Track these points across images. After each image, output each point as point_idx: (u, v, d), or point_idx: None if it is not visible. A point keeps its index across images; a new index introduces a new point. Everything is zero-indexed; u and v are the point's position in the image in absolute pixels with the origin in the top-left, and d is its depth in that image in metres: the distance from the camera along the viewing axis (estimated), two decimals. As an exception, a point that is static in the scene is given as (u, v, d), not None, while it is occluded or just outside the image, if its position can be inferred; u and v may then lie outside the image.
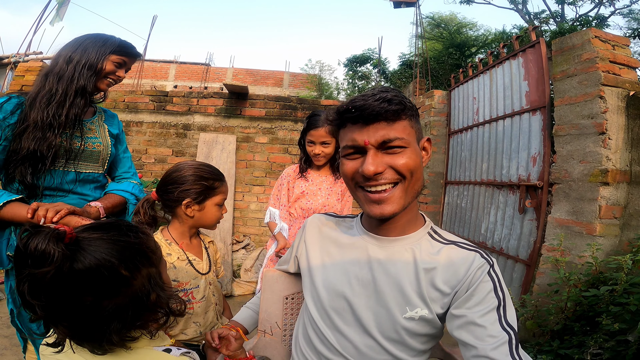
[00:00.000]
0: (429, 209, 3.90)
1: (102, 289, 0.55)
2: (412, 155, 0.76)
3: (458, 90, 3.70)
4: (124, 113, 4.33)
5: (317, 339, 0.86)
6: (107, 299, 0.56)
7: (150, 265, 0.63)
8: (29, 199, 1.12)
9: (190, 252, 1.26)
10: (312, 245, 0.93)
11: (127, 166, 1.41)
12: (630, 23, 8.88)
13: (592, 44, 2.03)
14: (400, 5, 6.33)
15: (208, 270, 1.27)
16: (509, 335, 0.67)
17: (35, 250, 0.51)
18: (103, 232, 0.59)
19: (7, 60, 5.73)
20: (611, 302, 1.57)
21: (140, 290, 0.59)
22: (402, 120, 0.75)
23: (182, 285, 1.20)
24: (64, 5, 6.19)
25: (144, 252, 0.62)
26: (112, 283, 0.56)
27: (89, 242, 0.56)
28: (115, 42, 1.22)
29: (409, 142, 0.75)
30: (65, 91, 1.14)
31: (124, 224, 0.64)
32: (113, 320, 0.56)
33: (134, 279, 0.59)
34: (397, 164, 0.74)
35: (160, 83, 14.44)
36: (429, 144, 0.83)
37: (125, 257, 0.58)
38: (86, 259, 0.54)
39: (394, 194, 0.76)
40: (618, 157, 1.97)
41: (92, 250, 0.55)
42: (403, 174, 0.75)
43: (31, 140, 1.09)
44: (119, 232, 0.60)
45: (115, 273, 0.56)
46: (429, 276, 0.77)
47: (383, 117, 0.73)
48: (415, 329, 0.77)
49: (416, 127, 0.79)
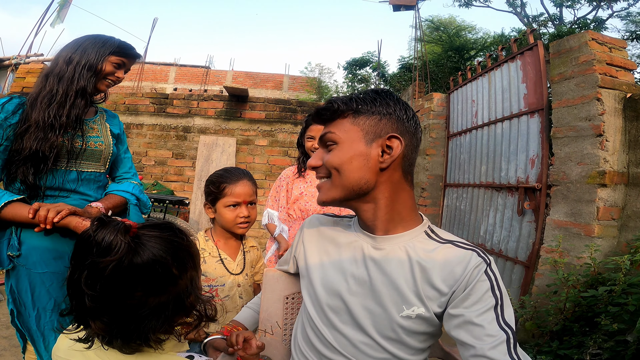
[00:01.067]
0: (428, 211, 3.91)
1: (152, 285, 0.57)
2: (341, 152, 0.79)
3: (457, 93, 3.72)
4: (125, 115, 4.34)
5: (315, 338, 0.86)
6: (154, 296, 0.58)
7: (194, 267, 0.65)
8: (31, 199, 1.13)
9: (224, 251, 1.32)
10: (310, 245, 0.94)
11: (128, 166, 1.41)
12: (628, 26, 8.93)
13: (589, 46, 2.05)
14: (399, 8, 6.37)
15: (239, 272, 1.32)
16: (506, 334, 0.67)
17: (102, 240, 0.54)
18: (160, 231, 0.61)
19: (8, 62, 5.75)
20: (610, 302, 1.58)
21: (182, 291, 0.61)
22: (341, 119, 0.81)
23: (208, 281, 1.27)
24: (65, 7, 6.22)
25: (192, 255, 0.65)
26: (162, 280, 0.58)
27: (149, 239, 0.58)
28: (115, 43, 1.22)
29: (340, 139, 0.79)
30: (66, 92, 1.15)
31: (176, 227, 0.66)
32: (152, 317, 0.58)
33: (181, 278, 0.61)
34: (327, 159, 0.81)
35: (160, 85, 14.48)
36: (397, 141, 0.78)
37: (177, 257, 0.60)
38: (145, 253, 0.56)
39: (323, 185, 0.83)
40: (615, 159, 1.99)
41: (151, 246, 0.57)
42: (329, 169, 0.81)
43: (33, 140, 1.09)
44: (174, 232, 0.63)
45: (168, 271, 0.58)
46: (425, 274, 0.77)
47: (324, 118, 0.83)
48: (413, 328, 0.77)
49: (366, 126, 0.79)
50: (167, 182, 4.33)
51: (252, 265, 1.39)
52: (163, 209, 3.12)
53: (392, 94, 0.84)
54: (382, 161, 0.79)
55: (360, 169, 0.78)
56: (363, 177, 0.79)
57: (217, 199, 1.28)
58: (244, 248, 1.37)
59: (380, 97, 0.81)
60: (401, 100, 0.84)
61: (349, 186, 0.80)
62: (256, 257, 1.43)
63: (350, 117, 0.80)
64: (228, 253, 1.33)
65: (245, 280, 1.34)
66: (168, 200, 3.13)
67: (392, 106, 0.80)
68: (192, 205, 4.17)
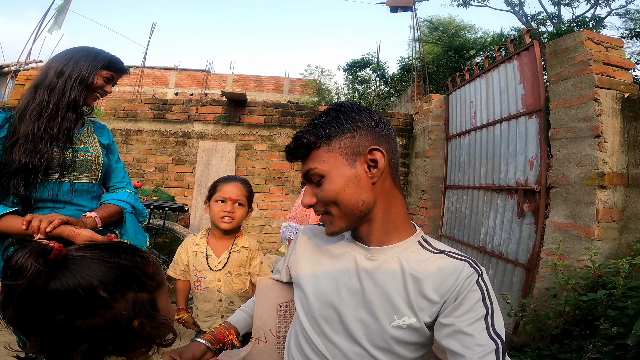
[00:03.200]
0: (429, 213, 3.90)
1: (76, 309, 0.54)
2: (331, 183, 0.77)
3: (455, 94, 3.71)
4: (124, 122, 4.36)
5: (308, 347, 0.86)
6: (81, 319, 0.55)
7: (141, 290, 0.61)
8: (25, 211, 1.13)
9: (213, 248, 1.50)
10: (303, 255, 0.94)
11: (121, 176, 1.42)
12: (627, 23, 8.89)
13: (585, 46, 2.04)
14: (397, 9, 6.38)
15: (220, 269, 1.47)
16: (496, 344, 0.68)
17: (15, 263, 0.52)
18: (94, 252, 0.59)
19: (7, 69, 5.79)
20: (609, 306, 1.57)
21: (120, 315, 0.57)
22: (315, 151, 0.79)
23: (197, 272, 1.49)
24: (62, 13, 6.26)
25: (136, 277, 0.60)
26: (88, 304, 0.55)
27: (75, 261, 0.56)
28: (106, 58, 1.23)
29: (324, 171, 0.78)
30: (57, 104, 1.15)
31: (122, 246, 0.63)
32: (84, 341, 0.55)
33: (115, 301, 0.57)
34: (320, 195, 0.79)
35: (161, 90, 14.55)
36: (379, 153, 0.78)
37: (108, 279, 0.57)
38: (64, 276, 0.54)
39: (325, 219, 0.82)
40: (614, 160, 1.97)
41: (74, 269, 0.55)
42: (326, 203, 0.79)
43: (22, 152, 1.09)
44: (111, 252, 0.60)
45: (93, 294, 0.55)
46: (417, 285, 0.77)
47: (296, 156, 0.81)
48: (404, 338, 0.77)
49: (342, 148, 0.77)
50: (168, 189, 4.34)
51: (240, 265, 1.51)
52: (163, 216, 3.13)
53: (352, 104, 0.82)
54: (371, 176, 0.79)
55: (356, 193, 0.78)
56: (360, 199, 0.78)
57: (211, 195, 1.49)
58: (231, 248, 1.51)
59: (342, 113, 0.79)
60: (362, 107, 0.83)
61: (350, 213, 0.79)
62: (247, 258, 1.53)
63: (324, 145, 0.78)
64: (214, 250, 1.50)
65: (228, 277, 1.48)
66: (167, 207, 3.13)
67: (357, 118, 0.79)
68: (192, 211, 4.18)
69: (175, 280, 1.57)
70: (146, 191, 4.07)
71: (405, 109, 6.74)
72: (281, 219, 4.43)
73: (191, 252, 1.51)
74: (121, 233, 1.31)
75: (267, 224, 4.43)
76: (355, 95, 11.45)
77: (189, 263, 1.52)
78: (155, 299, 0.64)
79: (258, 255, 1.56)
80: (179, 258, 1.54)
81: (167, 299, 0.68)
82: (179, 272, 1.55)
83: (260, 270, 1.55)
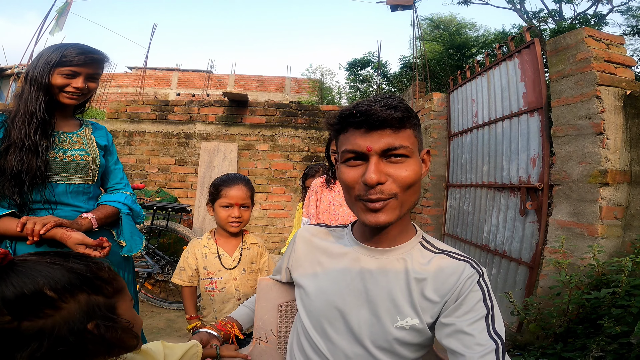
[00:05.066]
0: (431, 212, 3.89)
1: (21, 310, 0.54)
2: (414, 166, 0.74)
3: (457, 92, 3.70)
4: (127, 123, 4.38)
5: (309, 348, 0.87)
6: (28, 320, 0.55)
7: (95, 293, 0.61)
8: (21, 212, 1.15)
9: (223, 247, 1.50)
10: (303, 256, 0.94)
11: (119, 177, 1.42)
12: (629, 20, 8.81)
13: (586, 43, 2.02)
14: (397, 8, 6.36)
15: (234, 267, 1.49)
16: (496, 344, 0.68)
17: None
18: (42, 257, 0.60)
19: (10, 71, 5.83)
20: (613, 304, 1.56)
21: (71, 316, 0.57)
22: (406, 129, 0.74)
23: (209, 274, 1.48)
24: (63, 15, 6.29)
25: (87, 278, 0.61)
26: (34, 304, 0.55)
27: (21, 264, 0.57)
28: (59, 54, 1.16)
29: (412, 152, 0.74)
30: (27, 111, 1.15)
31: (72, 254, 0.64)
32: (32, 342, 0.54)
33: (64, 302, 0.57)
34: (398, 175, 0.73)
35: (163, 91, 14.60)
36: (429, 156, 0.81)
37: (55, 279, 0.57)
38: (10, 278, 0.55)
39: (390, 204, 0.73)
40: (617, 158, 1.96)
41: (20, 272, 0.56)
42: (402, 187, 0.73)
43: (13, 160, 1.11)
44: (59, 257, 0.61)
45: (39, 294, 0.55)
46: (420, 286, 0.77)
47: (389, 124, 0.71)
48: (406, 338, 0.77)
49: (419, 137, 0.78)
50: (171, 189, 4.36)
51: (251, 261, 1.53)
52: (166, 217, 3.14)
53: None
54: (422, 174, 0.79)
55: (420, 185, 0.78)
56: (419, 192, 0.79)
57: (215, 199, 1.48)
58: (242, 245, 1.52)
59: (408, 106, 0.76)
60: None
61: (413, 201, 0.78)
62: (257, 254, 1.55)
63: (412, 127, 0.75)
64: (226, 249, 1.50)
65: (243, 274, 1.50)
66: (170, 208, 3.15)
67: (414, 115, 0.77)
68: (195, 211, 4.19)
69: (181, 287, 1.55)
70: (149, 192, 4.09)
71: (407, 107, 6.70)
72: (284, 218, 4.44)
73: (200, 254, 1.49)
74: (117, 233, 1.32)
75: (270, 224, 4.44)
76: (357, 94, 11.43)
77: (197, 267, 1.50)
78: (114, 304, 0.64)
79: (266, 251, 1.59)
80: (185, 264, 1.51)
81: (129, 307, 0.67)
82: (186, 278, 1.50)
83: (269, 266, 1.56)
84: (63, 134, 1.26)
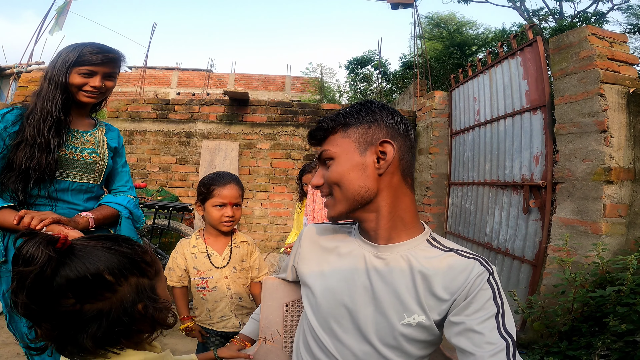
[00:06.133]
0: (433, 210, 3.89)
1: (84, 293, 0.58)
2: (338, 166, 0.81)
3: (458, 90, 3.70)
4: (127, 122, 4.37)
5: (316, 347, 0.86)
6: (89, 303, 0.58)
7: (142, 276, 0.65)
8: (21, 205, 1.15)
9: (212, 246, 1.49)
10: (309, 255, 0.94)
11: (125, 180, 1.43)
12: (629, 18, 8.80)
13: (589, 41, 2.02)
14: (397, 6, 6.35)
15: (224, 265, 1.47)
16: (507, 343, 0.67)
17: (26, 252, 0.56)
18: (97, 241, 0.63)
19: (10, 71, 5.82)
20: (618, 302, 1.55)
21: (125, 298, 0.61)
22: (332, 135, 0.84)
23: (200, 274, 1.46)
24: (63, 14, 6.27)
25: (136, 262, 0.64)
26: (95, 287, 0.59)
27: (80, 249, 0.60)
28: (76, 53, 1.17)
29: (335, 154, 0.82)
30: (44, 109, 1.16)
31: (120, 237, 0.67)
32: (92, 324, 0.58)
33: (120, 285, 0.61)
34: (326, 175, 0.84)
35: (163, 90, 14.58)
36: (390, 146, 0.80)
37: (112, 264, 0.61)
38: (73, 262, 0.58)
39: (329, 202, 0.85)
40: (621, 155, 1.96)
41: (81, 256, 0.59)
42: (332, 185, 0.83)
43: (23, 156, 1.11)
44: (112, 241, 0.64)
45: (99, 278, 0.59)
46: (426, 283, 0.77)
47: (318, 138, 0.86)
48: (413, 335, 0.77)
49: (356, 136, 0.82)
50: (172, 188, 4.35)
51: (242, 259, 1.52)
52: (168, 216, 3.14)
53: (376, 102, 0.86)
54: (378, 167, 0.80)
55: (359, 179, 0.80)
56: (363, 186, 0.80)
57: (207, 199, 1.45)
58: (231, 243, 1.51)
59: (364, 107, 0.84)
60: (387, 106, 0.86)
61: (351, 197, 0.81)
62: (247, 252, 1.54)
63: (340, 131, 0.84)
64: (215, 248, 1.49)
65: (233, 272, 1.49)
66: (172, 207, 3.15)
67: (377, 113, 0.83)
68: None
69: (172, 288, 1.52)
70: (151, 191, 4.08)
71: (408, 105, 6.72)
72: (285, 217, 4.44)
73: (189, 254, 1.48)
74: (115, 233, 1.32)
75: (271, 223, 4.43)
76: (358, 92, 11.42)
77: (187, 267, 1.49)
78: (155, 285, 0.68)
79: (255, 249, 1.58)
80: (174, 264, 1.49)
81: (164, 287, 0.72)
82: (176, 278, 1.49)
83: (259, 264, 1.55)
84: (77, 131, 1.27)
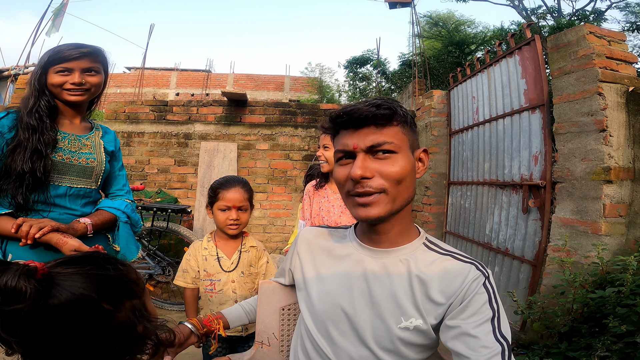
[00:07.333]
0: (432, 210, 3.88)
1: (83, 324, 0.53)
2: (402, 162, 0.75)
3: (457, 89, 3.69)
4: (125, 124, 4.36)
5: (313, 350, 0.86)
6: (91, 333, 0.54)
7: (134, 297, 0.61)
8: (20, 211, 1.14)
9: (222, 250, 1.52)
10: (306, 258, 0.93)
11: (122, 184, 1.41)
12: (627, 16, 8.78)
13: (588, 40, 2.01)
14: (395, 5, 6.34)
15: (233, 269, 1.50)
16: (502, 347, 0.68)
17: (5, 287, 0.48)
18: (79, 267, 0.57)
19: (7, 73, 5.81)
20: (618, 303, 1.54)
21: (125, 323, 0.57)
22: (392, 126, 0.76)
23: (209, 276, 1.50)
24: (60, 16, 6.26)
25: (126, 285, 0.60)
26: (94, 317, 0.54)
27: (64, 277, 0.54)
28: (51, 53, 1.17)
29: (399, 148, 0.76)
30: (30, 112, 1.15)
31: (100, 256, 0.62)
32: (99, 355, 0.55)
33: (118, 312, 0.56)
34: (385, 171, 0.74)
35: (162, 91, 14.58)
36: (426, 155, 0.82)
37: (105, 291, 0.55)
38: (62, 294, 0.51)
39: (380, 198, 0.75)
40: (620, 154, 1.95)
41: (68, 285, 0.53)
42: (390, 181, 0.75)
43: (19, 161, 1.10)
44: (96, 265, 0.58)
45: (97, 307, 0.54)
46: (423, 287, 0.77)
47: (372, 121, 0.74)
48: (410, 339, 0.77)
49: (410, 135, 0.79)
50: (171, 190, 4.35)
51: (250, 264, 1.54)
52: (166, 218, 3.13)
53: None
54: (418, 172, 0.82)
55: (412, 181, 0.79)
56: (412, 189, 0.80)
57: (214, 202, 1.49)
58: (241, 248, 1.54)
59: (401, 107, 0.79)
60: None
61: (405, 197, 0.78)
62: (256, 257, 1.56)
63: (400, 125, 0.78)
64: (225, 252, 1.52)
65: (241, 277, 1.51)
66: (170, 209, 3.14)
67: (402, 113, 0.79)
68: (196, 212, 4.18)
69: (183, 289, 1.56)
70: (149, 193, 4.07)
71: (407, 105, 6.71)
72: (284, 218, 4.43)
73: (201, 257, 1.52)
74: (113, 237, 1.30)
75: (271, 224, 4.43)
76: (357, 92, 11.41)
77: (199, 269, 1.52)
78: (144, 302, 0.64)
79: (264, 254, 1.59)
80: (188, 266, 1.53)
81: (150, 300, 0.69)
82: (189, 280, 1.53)
83: (267, 270, 1.56)
84: (73, 136, 1.25)
